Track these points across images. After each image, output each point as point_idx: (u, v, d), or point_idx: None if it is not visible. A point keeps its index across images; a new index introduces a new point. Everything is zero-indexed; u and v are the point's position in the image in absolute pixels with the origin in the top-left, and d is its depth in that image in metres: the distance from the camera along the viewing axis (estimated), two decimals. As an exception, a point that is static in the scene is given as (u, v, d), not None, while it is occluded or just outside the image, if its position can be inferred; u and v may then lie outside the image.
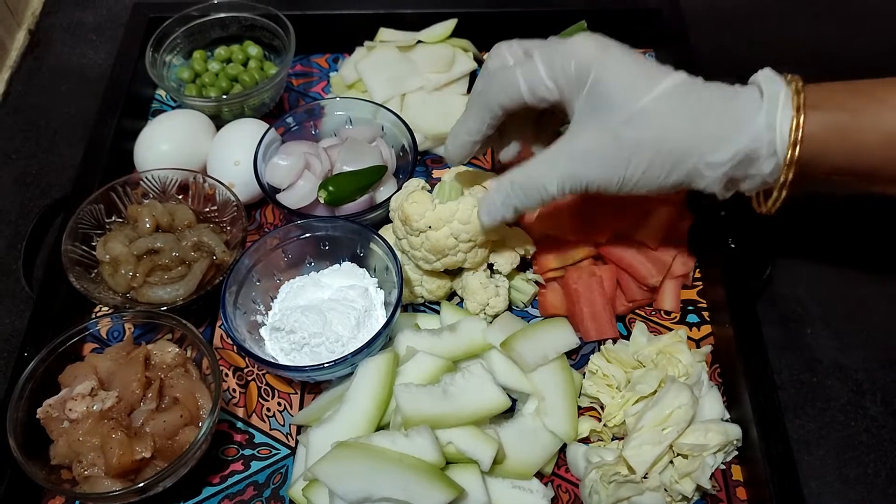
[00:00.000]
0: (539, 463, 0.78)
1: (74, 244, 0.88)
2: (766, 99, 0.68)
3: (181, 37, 1.09)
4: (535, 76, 0.73)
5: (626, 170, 0.71)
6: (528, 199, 0.76)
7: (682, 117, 0.69)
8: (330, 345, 0.82)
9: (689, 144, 0.69)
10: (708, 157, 0.69)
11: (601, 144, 0.71)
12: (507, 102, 0.75)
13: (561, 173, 0.73)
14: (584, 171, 0.72)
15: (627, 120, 0.70)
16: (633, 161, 0.71)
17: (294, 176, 0.92)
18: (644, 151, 0.70)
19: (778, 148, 0.68)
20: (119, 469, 0.72)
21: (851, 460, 0.83)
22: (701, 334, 0.89)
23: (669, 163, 0.70)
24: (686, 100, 0.69)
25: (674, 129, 0.69)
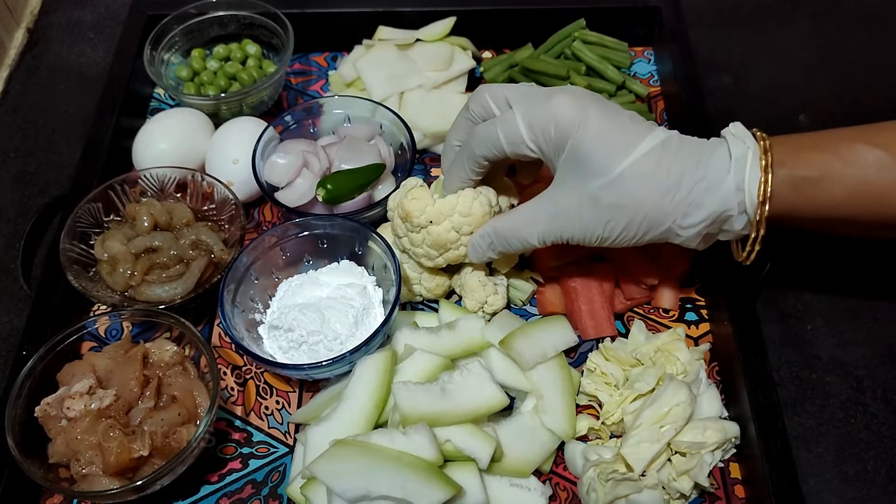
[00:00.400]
0: (537, 461, 0.78)
1: (73, 243, 0.88)
2: (734, 160, 0.71)
3: (179, 35, 1.09)
4: (516, 135, 0.76)
5: (604, 230, 0.75)
6: (510, 247, 0.81)
7: (656, 186, 0.72)
8: (328, 343, 0.82)
9: (663, 211, 0.73)
10: (681, 221, 0.73)
11: (579, 206, 0.75)
12: (489, 156, 0.79)
13: (541, 229, 0.78)
14: (563, 227, 0.77)
15: (605, 186, 0.73)
16: (609, 223, 0.75)
17: (292, 174, 0.92)
18: (620, 215, 0.74)
19: (748, 207, 0.71)
20: (117, 467, 0.72)
21: (851, 457, 0.82)
22: (699, 332, 0.89)
23: (645, 225, 0.74)
24: (660, 165, 0.72)
25: (648, 198, 0.72)
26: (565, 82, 1.04)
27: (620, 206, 0.73)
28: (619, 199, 0.73)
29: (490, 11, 1.12)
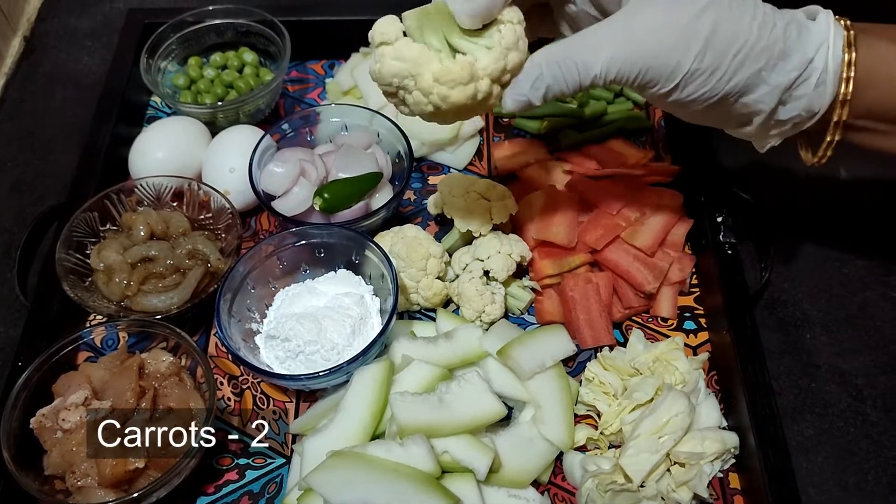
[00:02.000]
0: (535, 471, 0.77)
1: (69, 252, 0.88)
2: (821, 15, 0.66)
3: (176, 43, 1.09)
4: None
5: (687, 60, 0.63)
6: (563, 79, 0.65)
7: (756, 13, 0.64)
8: (325, 353, 0.82)
9: (760, 46, 0.64)
10: (774, 65, 0.64)
11: (664, 25, 0.63)
12: None
13: (612, 50, 0.64)
14: (640, 51, 0.63)
15: (702, 7, 0.63)
16: (696, 51, 0.63)
17: (289, 183, 0.92)
18: (715, 40, 0.63)
19: (830, 63, 0.64)
20: (112, 479, 0.71)
21: (851, 467, 0.82)
22: (698, 341, 0.89)
23: (739, 58, 0.64)
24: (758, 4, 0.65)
25: (744, 23, 0.63)
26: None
27: (715, 30, 0.63)
28: (715, 17, 0.63)
29: (487, 19, 1.12)
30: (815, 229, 0.98)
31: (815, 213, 1.00)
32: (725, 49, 0.64)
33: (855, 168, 1.02)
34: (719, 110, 0.68)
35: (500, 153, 1.03)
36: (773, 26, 0.64)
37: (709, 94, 0.66)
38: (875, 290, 0.93)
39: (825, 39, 0.65)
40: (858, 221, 0.99)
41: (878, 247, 0.97)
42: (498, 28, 0.65)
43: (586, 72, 0.65)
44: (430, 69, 0.63)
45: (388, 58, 0.65)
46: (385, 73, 0.66)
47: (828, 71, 0.65)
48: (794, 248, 0.97)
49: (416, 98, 0.66)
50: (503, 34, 0.64)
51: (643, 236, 0.89)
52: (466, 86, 0.63)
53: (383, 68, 0.66)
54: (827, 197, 1.01)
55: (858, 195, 1.01)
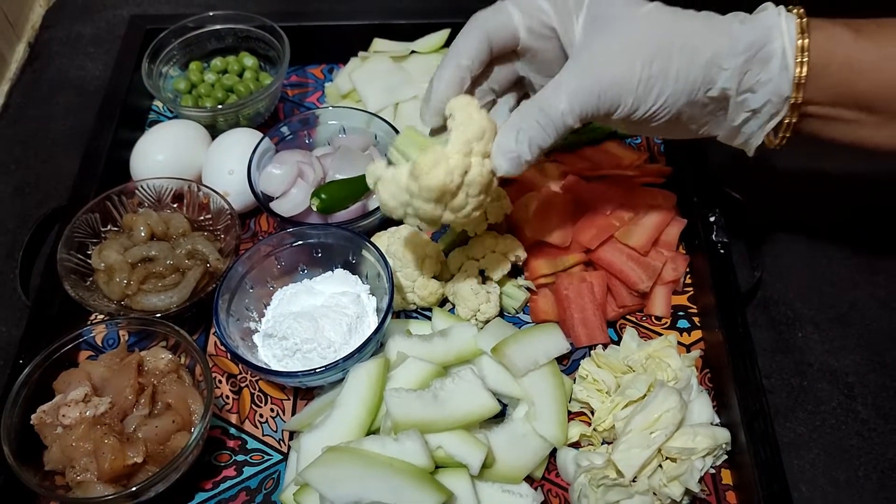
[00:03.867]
0: (529, 467, 0.78)
1: (70, 253, 0.89)
2: (767, 10, 0.69)
3: (177, 48, 1.10)
4: (532, 7, 0.71)
5: (640, 74, 0.67)
6: (541, 128, 0.70)
7: (688, 17, 0.68)
8: (322, 351, 0.83)
9: (702, 39, 0.67)
10: (722, 51, 0.67)
11: (608, 51, 0.67)
12: (499, 38, 0.72)
13: (571, 90, 0.68)
14: (595, 81, 0.67)
15: (633, 26, 0.67)
16: (644, 63, 0.67)
17: (287, 184, 0.93)
18: (655, 51, 0.67)
19: (786, 45, 0.66)
20: (111, 474, 0.72)
21: (842, 464, 0.83)
22: (691, 339, 0.90)
23: (685, 58, 0.67)
24: (687, 8, 0.69)
25: (683, 26, 0.67)
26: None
27: (653, 40, 0.67)
28: (651, 33, 0.67)
29: (484, 24, 1.14)
30: (805, 229, 0.99)
31: (805, 214, 1.01)
32: (670, 53, 0.67)
33: (846, 170, 1.03)
34: (692, 112, 0.71)
35: (496, 155, 1.04)
36: (711, 21, 0.68)
37: (671, 100, 0.69)
38: (864, 290, 0.94)
39: (776, 24, 0.67)
40: (848, 221, 1.00)
41: (866, 247, 0.98)
42: (452, 115, 0.71)
43: (557, 117, 0.69)
44: (407, 174, 0.70)
45: (382, 191, 0.72)
46: (387, 203, 0.73)
47: (786, 55, 0.67)
48: (785, 248, 0.98)
49: (418, 205, 0.71)
50: (454, 116, 0.70)
51: (637, 236, 0.90)
52: (438, 167, 0.68)
53: (383, 199, 0.73)
54: (817, 197, 1.02)
55: (848, 196, 1.02)
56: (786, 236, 0.99)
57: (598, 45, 0.68)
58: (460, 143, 0.69)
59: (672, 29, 0.67)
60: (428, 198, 0.70)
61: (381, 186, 0.73)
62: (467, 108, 0.71)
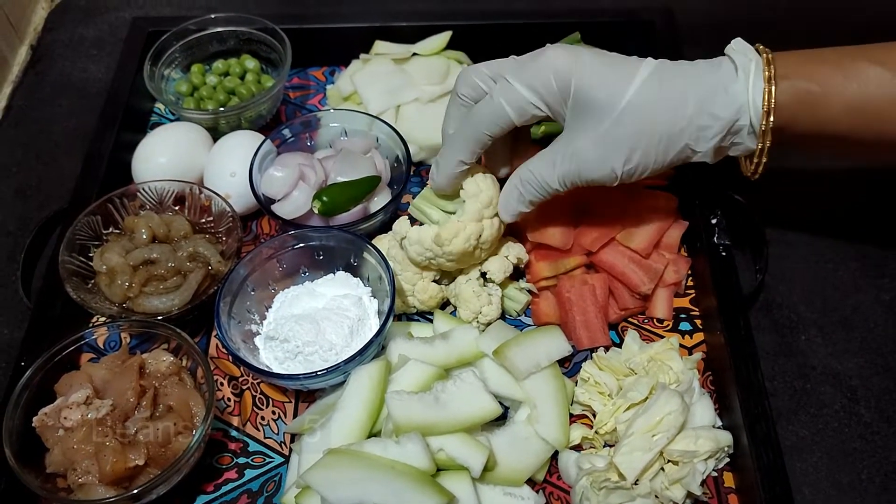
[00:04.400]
0: (530, 470, 0.78)
1: (72, 255, 0.89)
2: (739, 71, 0.73)
3: (179, 51, 1.10)
4: (520, 100, 0.77)
5: (622, 163, 0.76)
6: (537, 195, 0.82)
7: (665, 106, 0.74)
8: (323, 353, 0.83)
9: (677, 129, 0.74)
10: (695, 136, 0.74)
11: (594, 145, 0.76)
12: (496, 131, 0.79)
13: (561, 172, 0.79)
14: (582, 168, 0.77)
15: (614, 121, 0.74)
16: (626, 154, 0.75)
17: (289, 187, 0.93)
18: (635, 144, 0.75)
19: (752, 118, 0.73)
20: (113, 476, 0.72)
21: (845, 467, 0.82)
22: (693, 342, 0.89)
23: (662, 148, 0.75)
24: (664, 86, 0.74)
25: (659, 120, 0.74)
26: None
27: (633, 135, 0.74)
28: (630, 128, 0.74)
29: (486, 26, 1.14)
30: (808, 232, 0.99)
31: (809, 216, 1.00)
32: (647, 144, 0.75)
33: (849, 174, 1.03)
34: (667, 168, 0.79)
35: (498, 158, 1.04)
36: (684, 104, 0.73)
37: (653, 173, 0.78)
38: (868, 293, 0.94)
39: (744, 100, 0.73)
40: (851, 224, 1.00)
41: (870, 250, 0.97)
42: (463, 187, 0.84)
43: (550, 186, 0.80)
44: (431, 235, 0.83)
45: (409, 248, 0.86)
46: (413, 258, 0.87)
47: (753, 125, 0.73)
48: (787, 251, 0.97)
49: (441, 262, 0.86)
50: (465, 187, 0.84)
51: (638, 238, 0.90)
52: (458, 237, 0.83)
53: (410, 255, 0.87)
54: (821, 199, 1.02)
55: (851, 198, 1.02)
56: (789, 239, 0.98)
57: (582, 142, 0.76)
58: (474, 213, 0.83)
59: (650, 120, 0.74)
60: (450, 259, 0.85)
61: (407, 244, 0.85)
62: (475, 177, 0.84)
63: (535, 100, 0.76)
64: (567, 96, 0.75)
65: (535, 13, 1.18)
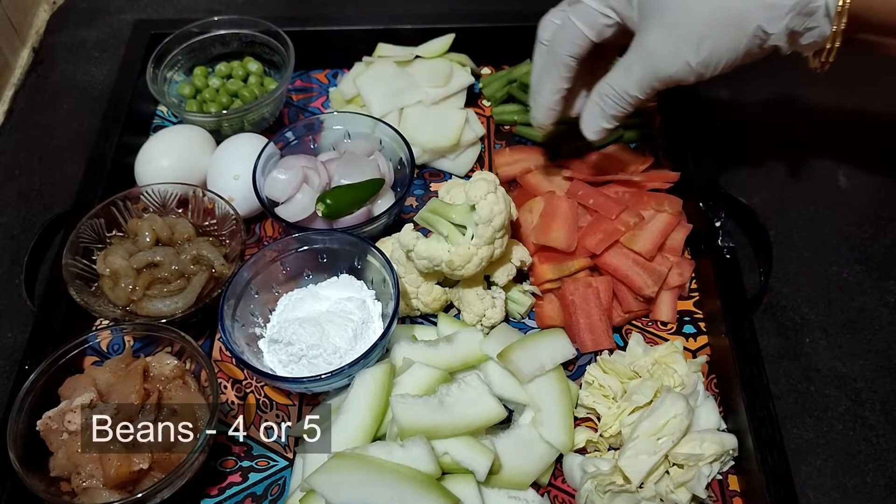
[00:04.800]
0: (535, 473, 0.78)
1: (75, 258, 0.89)
2: None
3: (182, 53, 1.10)
4: (589, 13, 0.81)
5: (695, 53, 0.76)
6: (618, 107, 0.83)
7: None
8: (327, 356, 0.83)
9: (744, 8, 0.73)
10: (766, 18, 0.73)
11: (664, 38, 0.77)
12: (576, 50, 0.83)
13: (638, 76, 0.80)
14: (657, 66, 0.78)
15: (681, 7, 0.75)
16: (696, 42, 0.75)
17: (292, 189, 0.93)
18: (704, 31, 0.74)
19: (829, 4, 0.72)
20: (117, 480, 0.72)
21: (850, 470, 0.82)
22: (697, 345, 0.89)
23: (733, 33, 0.74)
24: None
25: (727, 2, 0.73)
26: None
27: (702, 22, 0.74)
28: (699, 13, 0.74)
29: (488, 28, 1.14)
30: (813, 234, 0.99)
31: (813, 218, 1.00)
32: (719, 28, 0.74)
33: (853, 176, 1.03)
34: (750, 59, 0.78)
35: (501, 160, 1.04)
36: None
37: (728, 64, 0.77)
38: (873, 296, 0.94)
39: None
40: (856, 227, 0.99)
41: (875, 252, 0.97)
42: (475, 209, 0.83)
43: (629, 94, 0.81)
44: (443, 259, 0.83)
45: (417, 262, 0.85)
46: (421, 271, 0.87)
47: (829, 8, 0.72)
48: (792, 253, 0.97)
49: (451, 278, 0.87)
50: (477, 209, 0.83)
51: (642, 241, 0.90)
52: (470, 262, 0.83)
53: (418, 268, 0.87)
54: (825, 201, 1.02)
55: (856, 201, 1.02)
56: (793, 241, 0.98)
57: (652, 36, 0.77)
58: (486, 238, 0.83)
59: (713, 7, 0.73)
60: (460, 278, 0.86)
61: (414, 257, 0.85)
62: (487, 199, 0.82)
63: (602, 7, 0.80)
64: None
65: (538, 16, 1.17)
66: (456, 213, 0.85)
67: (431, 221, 0.86)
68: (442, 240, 0.85)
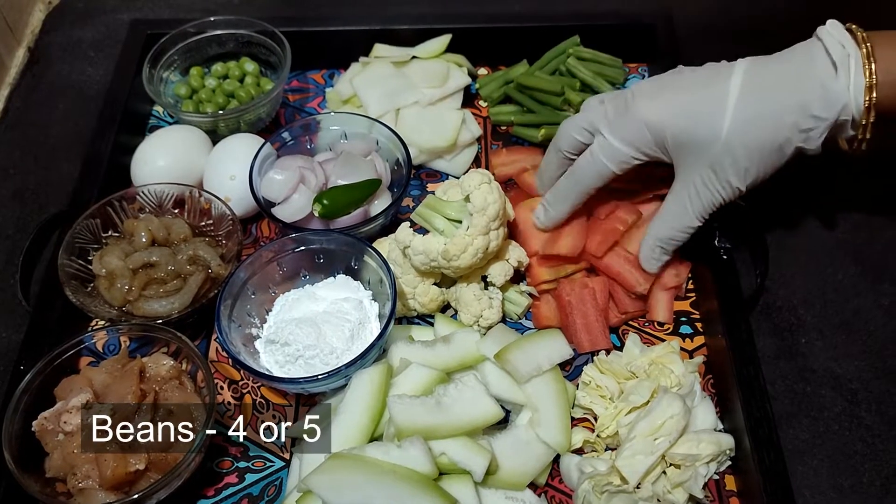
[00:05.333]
0: (532, 474, 0.78)
1: (71, 258, 0.89)
2: (838, 65, 0.75)
3: (178, 53, 1.10)
4: (619, 155, 0.83)
5: (744, 177, 0.79)
6: (680, 241, 0.86)
7: (765, 123, 0.77)
8: (324, 357, 0.83)
9: (782, 139, 0.77)
10: (803, 139, 0.77)
11: (711, 174, 0.80)
12: (600, 183, 0.86)
13: (699, 210, 0.83)
14: (711, 197, 0.82)
15: (721, 149, 0.78)
16: (744, 171, 0.79)
17: (289, 190, 0.93)
18: (748, 161, 0.78)
19: (855, 114, 0.75)
20: (113, 481, 0.72)
21: (846, 470, 0.82)
22: (694, 345, 0.89)
23: (774, 157, 0.78)
24: (761, 100, 0.77)
25: (764, 135, 0.77)
26: (559, 99, 1.05)
27: (744, 155, 0.78)
28: (740, 150, 0.77)
29: (485, 29, 1.14)
30: (809, 235, 0.99)
31: (809, 219, 1.01)
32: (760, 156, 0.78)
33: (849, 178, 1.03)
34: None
35: (498, 160, 1.04)
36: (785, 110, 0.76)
37: (773, 171, 0.80)
38: (868, 297, 0.94)
39: (847, 99, 0.74)
40: (852, 229, 1.00)
41: (870, 253, 0.97)
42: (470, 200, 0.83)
43: (691, 226, 0.85)
44: (438, 251, 0.83)
45: (413, 258, 0.85)
46: (418, 267, 0.87)
47: (855, 118, 0.76)
48: (788, 254, 0.98)
49: (448, 273, 0.86)
50: (472, 200, 0.82)
51: (637, 241, 0.90)
52: (466, 252, 0.82)
53: (414, 264, 0.87)
54: (821, 202, 1.02)
55: (852, 203, 1.02)
56: (789, 242, 0.98)
57: (699, 173, 0.81)
58: (481, 227, 0.82)
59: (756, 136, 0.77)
60: (457, 273, 0.85)
61: (411, 253, 0.85)
62: (481, 189, 0.82)
63: (633, 153, 0.82)
64: (665, 141, 0.80)
65: (535, 16, 1.18)
66: (451, 208, 0.85)
67: (427, 217, 0.86)
68: (438, 235, 0.85)
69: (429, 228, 0.86)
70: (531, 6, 1.27)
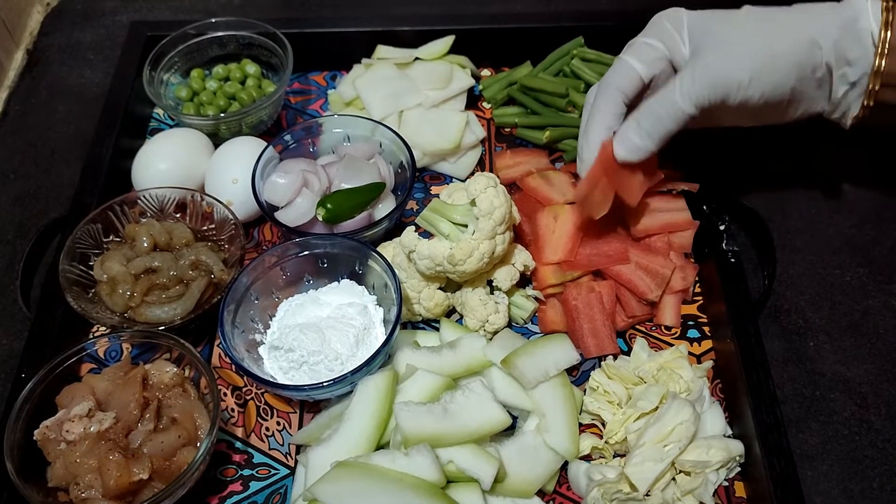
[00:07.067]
0: (540, 481, 0.77)
1: (72, 264, 0.88)
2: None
3: (179, 55, 1.09)
4: (641, 48, 0.86)
5: (749, 64, 0.78)
6: (658, 121, 0.82)
7: (781, 9, 0.81)
8: (329, 363, 0.82)
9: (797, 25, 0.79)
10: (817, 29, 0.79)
11: (716, 54, 0.80)
12: (626, 83, 0.86)
13: (686, 86, 0.80)
14: (709, 76, 0.79)
15: (734, 28, 0.80)
16: (751, 55, 0.78)
17: (292, 193, 0.92)
18: (759, 42, 0.79)
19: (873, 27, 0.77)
20: (116, 491, 0.71)
21: (856, 475, 0.82)
22: (702, 349, 0.89)
23: (786, 44, 0.79)
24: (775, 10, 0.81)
25: (778, 18, 0.80)
26: (564, 100, 1.04)
27: (757, 35, 0.79)
28: (752, 26, 0.80)
29: (489, 30, 1.13)
30: (817, 237, 0.98)
31: (817, 221, 1.00)
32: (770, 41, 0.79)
33: (856, 179, 1.02)
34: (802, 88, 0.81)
35: (502, 163, 1.03)
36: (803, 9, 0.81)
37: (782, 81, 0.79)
38: (877, 299, 0.93)
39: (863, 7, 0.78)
40: (859, 230, 0.99)
41: (878, 255, 0.97)
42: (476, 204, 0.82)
43: (673, 108, 0.81)
44: (444, 256, 0.82)
45: (418, 262, 0.85)
46: (423, 271, 0.86)
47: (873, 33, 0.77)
48: (796, 257, 0.97)
49: (452, 277, 0.85)
50: (478, 203, 0.82)
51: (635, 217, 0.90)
52: (471, 256, 0.82)
53: (419, 268, 0.86)
54: (828, 205, 1.01)
55: (858, 204, 1.01)
56: (797, 244, 0.98)
57: (706, 52, 0.80)
58: (487, 231, 0.82)
59: (769, 21, 0.80)
60: (463, 277, 0.84)
61: (416, 257, 0.84)
62: (487, 193, 0.82)
63: (653, 41, 0.85)
64: (682, 30, 0.83)
65: (538, 17, 1.17)
66: (457, 212, 0.85)
67: (432, 221, 0.85)
68: (443, 239, 0.84)
69: (434, 232, 0.85)
70: (534, 7, 1.26)
